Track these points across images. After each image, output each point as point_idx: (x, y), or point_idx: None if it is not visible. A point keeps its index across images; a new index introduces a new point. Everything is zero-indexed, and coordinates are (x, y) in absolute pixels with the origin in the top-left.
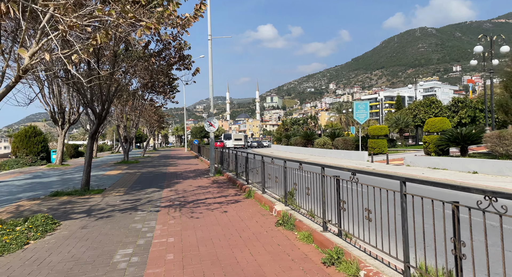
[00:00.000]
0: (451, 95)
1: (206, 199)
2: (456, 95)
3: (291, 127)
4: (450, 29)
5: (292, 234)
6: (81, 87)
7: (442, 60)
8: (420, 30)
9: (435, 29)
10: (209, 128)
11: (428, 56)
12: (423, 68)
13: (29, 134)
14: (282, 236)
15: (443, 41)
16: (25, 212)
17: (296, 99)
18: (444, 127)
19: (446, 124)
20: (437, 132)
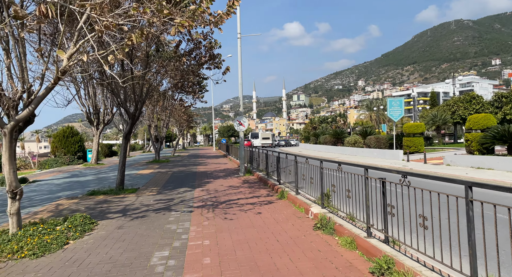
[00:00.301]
0: (490, 90)
1: (238, 199)
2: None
3: (319, 126)
4: (488, 21)
5: (332, 239)
6: (115, 88)
7: (480, 53)
8: (456, 22)
9: (472, 21)
10: (239, 127)
11: (464, 50)
12: (459, 63)
13: (67, 134)
14: (321, 241)
15: (480, 33)
16: (64, 211)
17: (324, 96)
18: (488, 124)
19: (491, 120)
20: (481, 130)
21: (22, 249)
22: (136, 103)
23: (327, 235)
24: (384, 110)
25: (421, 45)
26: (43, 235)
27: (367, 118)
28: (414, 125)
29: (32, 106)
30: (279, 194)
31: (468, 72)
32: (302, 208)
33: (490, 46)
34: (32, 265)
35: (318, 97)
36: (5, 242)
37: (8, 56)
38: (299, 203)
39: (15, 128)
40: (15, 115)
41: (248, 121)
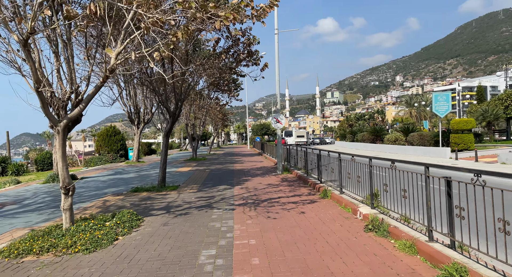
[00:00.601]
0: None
1: (279, 198)
2: None
3: (355, 123)
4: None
5: (388, 242)
6: (157, 87)
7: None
8: (504, 12)
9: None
10: (276, 125)
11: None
12: (507, 55)
13: (110, 133)
14: (375, 243)
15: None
16: (111, 207)
17: (359, 93)
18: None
19: None
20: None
21: (75, 244)
22: (176, 102)
23: (380, 238)
24: (426, 106)
25: (465, 37)
26: (94, 230)
27: (407, 115)
28: (463, 121)
29: (83, 105)
30: (322, 193)
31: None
32: (348, 208)
33: None
34: (86, 260)
35: (353, 94)
36: (59, 237)
37: (58, 59)
38: (345, 203)
39: (66, 127)
40: (65, 115)
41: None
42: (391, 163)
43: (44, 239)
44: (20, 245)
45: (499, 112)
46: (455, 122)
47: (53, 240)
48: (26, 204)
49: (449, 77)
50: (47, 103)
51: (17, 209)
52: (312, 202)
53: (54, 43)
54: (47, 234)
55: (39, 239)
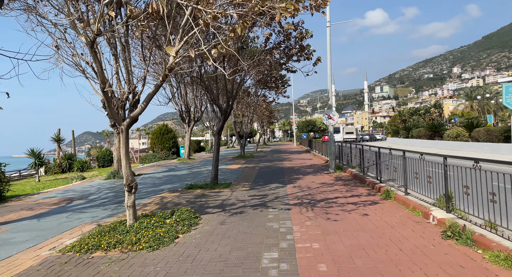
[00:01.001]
0: None
1: (336, 198)
2: None
3: (409, 118)
4: None
5: (474, 252)
6: (209, 85)
7: None
8: None
9: None
10: (328, 121)
11: None
12: None
13: (163, 131)
14: (458, 253)
15: None
16: (169, 204)
17: (411, 87)
18: None
19: None
20: None
21: (139, 241)
22: (228, 99)
23: (463, 246)
24: (490, 98)
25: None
26: (155, 228)
27: (467, 109)
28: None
29: (144, 104)
30: (383, 193)
31: None
32: (418, 211)
33: None
34: (150, 258)
35: (404, 87)
36: (124, 233)
37: (117, 61)
38: (413, 205)
39: (130, 125)
40: (128, 114)
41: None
42: (475, 162)
43: (110, 235)
44: (90, 240)
45: None
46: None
47: (118, 236)
48: (91, 199)
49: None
50: (112, 102)
51: (84, 204)
52: (374, 204)
53: (113, 46)
54: (113, 230)
55: (106, 235)
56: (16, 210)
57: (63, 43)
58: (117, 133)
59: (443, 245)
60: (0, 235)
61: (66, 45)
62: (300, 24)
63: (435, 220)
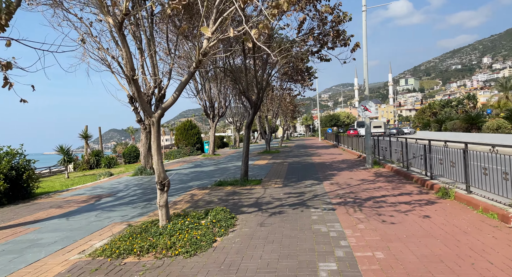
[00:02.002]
0: None
1: (383, 197)
2: None
3: (440, 111)
4: None
5: None
6: (238, 76)
7: None
8: None
9: None
10: (364, 113)
11: None
12: None
13: (187, 127)
14: None
15: None
16: (200, 202)
17: (437, 79)
18: None
19: None
20: None
21: (174, 245)
22: (258, 91)
23: None
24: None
25: None
26: (191, 229)
27: (503, 100)
28: None
29: (176, 93)
30: (439, 192)
31: None
32: (492, 214)
33: None
34: (188, 265)
35: (430, 79)
36: (157, 236)
37: (142, 54)
38: (483, 206)
39: (161, 117)
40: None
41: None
42: None
43: (142, 237)
44: (121, 243)
45: None
46: None
47: (151, 239)
48: (120, 196)
49: None
50: (142, 92)
51: (112, 201)
52: (431, 203)
53: (138, 39)
54: (145, 232)
55: (138, 237)
56: (45, 208)
57: (88, 37)
58: (143, 129)
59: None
60: (28, 236)
61: (92, 39)
62: (337, 6)
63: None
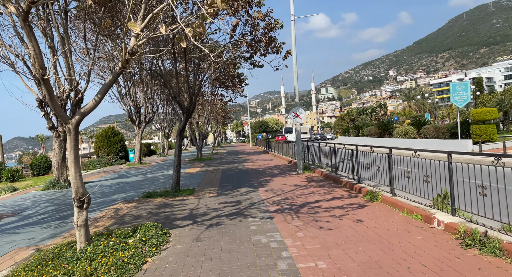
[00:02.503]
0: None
1: (317, 202)
2: None
3: (358, 117)
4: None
5: (508, 265)
6: (168, 80)
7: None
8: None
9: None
10: (295, 119)
11: (504, 32)
12: (499, 46)
13: (109, 134)
14: (494, 267)
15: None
16: (126, 217)
17: (353, 88)
18: None
19: None
20: None
21: (96, 271)
22: (190, 96)
23: (493, 258)
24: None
25: (457, 30)
26: (116, 251)
27: (407, 108)
28: (485, 111)
29: (99, 96)
30: (367, 195)
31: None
32: (416, 215)
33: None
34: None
35: (347, 89)
36: (74, 261)
37: (54, 53)
38: (408, 208)
39: (79, 124)
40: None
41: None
42: (495, 158)
43: (55, 264)
44: (26, 274)
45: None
46: (476, 113)
47: (67, 266)
48: (26, 215)
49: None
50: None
51: (16, 222)
52: (362, 207)
53: (49, 36)
54: (58, 257)
55: (49, 265)
56: None
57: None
58: (57, 136)
59: (468, 257)
60: None
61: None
62: (269, 13)
63: (441, 225)
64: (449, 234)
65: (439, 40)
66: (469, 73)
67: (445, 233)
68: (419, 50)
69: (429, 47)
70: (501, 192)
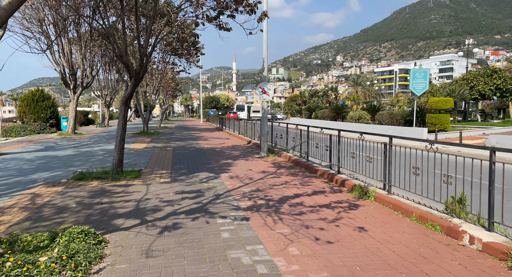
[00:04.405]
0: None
1: (297, 197)
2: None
3: (310, 100)
4: (465, 0)
5: None
6: (112, 34)
7: (455, 32)
8: (434, 0)
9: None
10: (262, 96)
11: (440, 28)
12: (434, 41)
13: (37, 97)
14: None
15: (456, 12)
16: (46, 209)
17: (302, 71)
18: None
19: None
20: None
21: None
22: (141, 57)
23: None
24: (372, 85)
25: (399, 22)
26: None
27: (354, 94)
28: (442, 100)
29: None
30: (354, 190)
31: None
32: (433, 225)
33: (464, 25)
34: None
35: (296, 71)
36: None
37: None
38: (417, 213)
39: None
40: None
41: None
42: None
43: None
44: None
45: (465, 92)
46: (433, 101)
47: None
48: None
49: (383, 60)
50: None
51: None
52: (355, 207)
53: None
54: None
55: None
56: None
57: None
58: None
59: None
60: None
61: None
62: None
63: (476, 243)
64: (493, 259)
65: (383, 30)
66: (409, 64)
67: (486, 257)
68: (365, 38)
69: (374, 36)
70: None
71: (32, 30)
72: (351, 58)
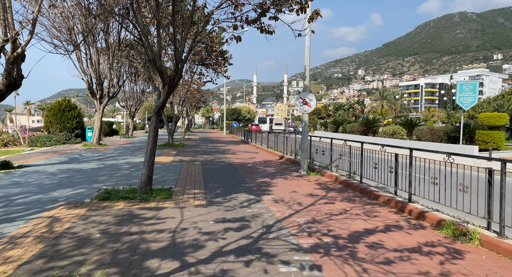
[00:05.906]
0: (499, 84)
1: (369, 234)
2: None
3: (334, 113)
4: (492, 15)
5: None
6: (145, 34)
7: (482, 47)
8: (459, 15)
9: (476, 14)
10: (302, 107)
11: (466, 43)
12: (460, 56)
13: (63, 107)
14: None
15: (483, 27)
16: (65, 240)
17: (322, 84)
18: None
19: None
20: None
21: None
22: (176, 62)
23: None
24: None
25: (423, 36)
26: None
27: (380, 107)
28: (495, 115)
29: None
30: (445, 228)
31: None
32: None
33: (492, 40)
34: None
35: (317, 84)
36: None
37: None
38: None
39: None
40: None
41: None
42: None
43: None
44: None
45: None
46: (485, 117)
47: None
48: None
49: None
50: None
51: None
52: (458, 254)
53: None
54: None
55: None
56: None
57: None
58: None
59: None
60: None
61: None
62: None
63: None
64: None
65: (406, 44)
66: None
67: None
68: (387, 53)
69: (397, 50)
70: None
71: (61, 39)
72: (373, 72)
